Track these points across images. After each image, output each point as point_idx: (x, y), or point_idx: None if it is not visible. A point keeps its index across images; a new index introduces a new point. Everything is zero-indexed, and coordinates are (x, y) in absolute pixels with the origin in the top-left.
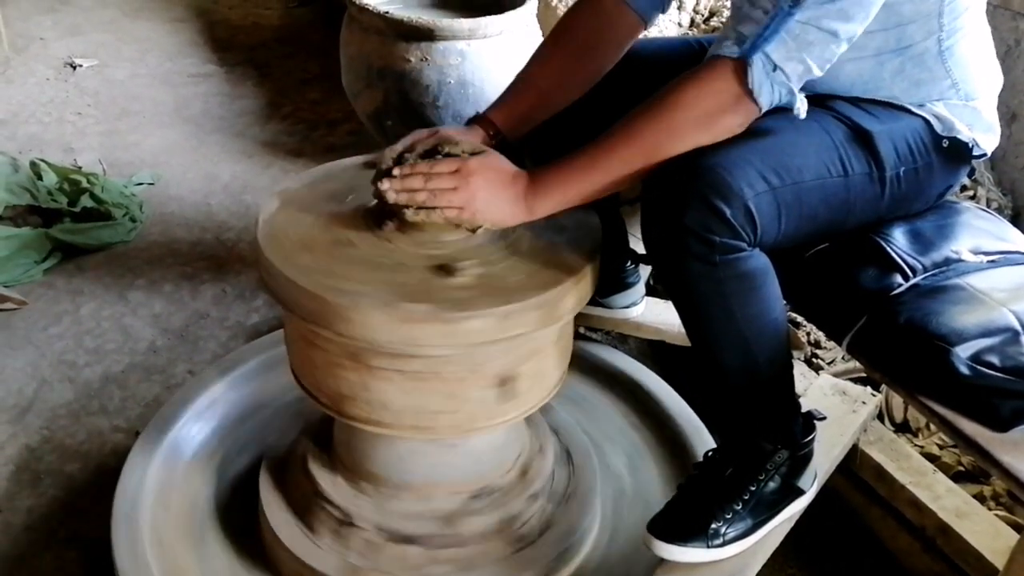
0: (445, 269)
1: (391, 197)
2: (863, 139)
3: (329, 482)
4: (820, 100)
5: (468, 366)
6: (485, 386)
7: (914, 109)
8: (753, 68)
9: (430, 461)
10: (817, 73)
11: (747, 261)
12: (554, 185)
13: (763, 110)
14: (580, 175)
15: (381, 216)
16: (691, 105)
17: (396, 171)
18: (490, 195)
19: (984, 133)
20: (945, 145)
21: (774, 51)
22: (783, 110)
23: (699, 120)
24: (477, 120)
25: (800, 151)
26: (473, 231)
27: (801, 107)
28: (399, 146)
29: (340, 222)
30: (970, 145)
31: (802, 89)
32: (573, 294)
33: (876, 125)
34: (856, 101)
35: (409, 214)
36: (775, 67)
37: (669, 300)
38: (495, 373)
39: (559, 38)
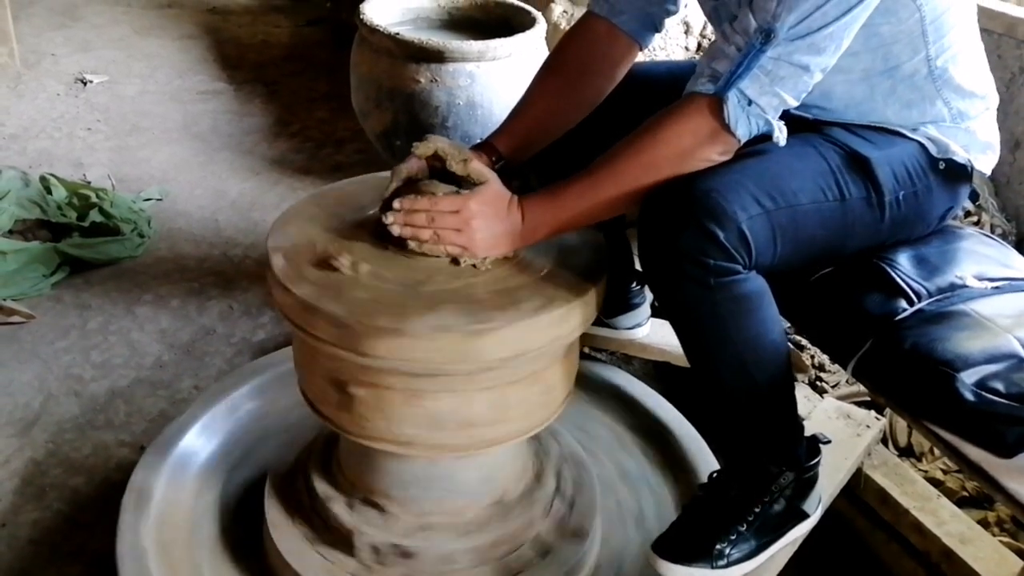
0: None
1: (396, 231)
2: (860, 165)
3: (333, 499)
4: (815, 126)
5: (475, 385)
6: (491, 404)
7: (908, 133)
8: (728, 104)
9: (434, 480)
10: (793, 103)
11: (743, 284)
12: (546, 215)
13: (742, 141)
14: (570, 206)
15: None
16: (669, 141)
17: (397, 204)
18: (489, 233)
19: (981, 153)
20: (942, 167)
21: (748, 87)
22: None
23: (677, 155)
24: (481, 146)
25: (796, 175)
26: (474, 265)
27: (780, 135)
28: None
29: (352, 238)
30: (968, 166)
31: (796, 112)
32: (578, 313)
33: (873, 151)
34: (850, 127)
35: (413, 245)
36: (750, 102)
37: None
38: (502, 391)
39: (554, 65)
